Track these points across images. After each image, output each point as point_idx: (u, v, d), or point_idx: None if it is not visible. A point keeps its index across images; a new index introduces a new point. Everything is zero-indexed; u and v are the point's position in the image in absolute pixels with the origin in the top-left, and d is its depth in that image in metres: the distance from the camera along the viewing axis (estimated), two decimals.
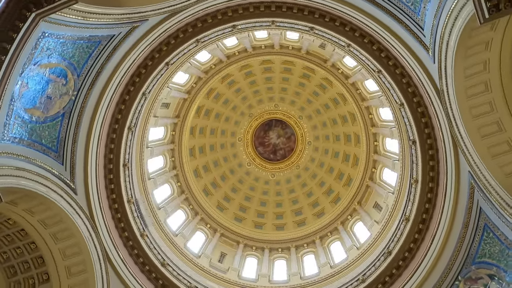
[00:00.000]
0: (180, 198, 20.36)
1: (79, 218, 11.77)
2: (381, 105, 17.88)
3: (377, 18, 11.09)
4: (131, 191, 14.89)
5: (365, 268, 14.86)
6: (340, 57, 18.69)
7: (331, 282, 15.85)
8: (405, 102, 12.77)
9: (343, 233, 18.91)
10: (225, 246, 20.03)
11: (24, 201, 10.64)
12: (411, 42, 10.89)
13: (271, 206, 22.28)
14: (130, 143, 14.70)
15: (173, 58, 13.85)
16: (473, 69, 10.05)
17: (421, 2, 9.63)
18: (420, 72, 11.33)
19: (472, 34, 9.31)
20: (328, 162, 22.31)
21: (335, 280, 15.78)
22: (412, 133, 13.25)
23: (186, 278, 15.26)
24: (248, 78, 21.94)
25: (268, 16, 13.00)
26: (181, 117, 20.82)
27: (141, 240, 14.54)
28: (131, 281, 13.27)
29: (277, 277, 17.73)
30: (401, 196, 15.04)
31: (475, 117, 10.55)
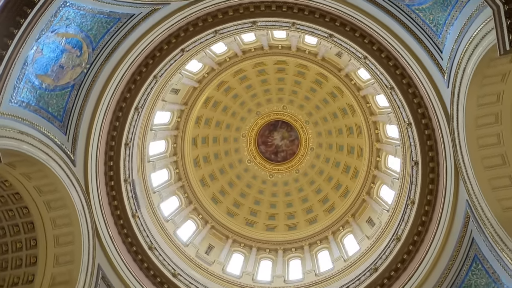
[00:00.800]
0: (176, 185, 20.41)
1: (74, 190, 11.83)
2: (389, 122, 17.81)
3: (398, 34, 11.04)
4: (129, 171, 14.94)
5: (350, 281, 14.85)
6: (355, 68, 18.63)
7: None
8: (413, 122, 12.71)
9: (333, 243, 18.90)
10: (214, 239, 20.08)
11: (23, 165, 10.69)
12: (428, 63, 10.83)
13: (265, 206, 22.29)
14: (135, 123, 14.74)
15: (189, 46, 13.85)
16: (486, 99, 9.99)
17: (444, 25, 9.57)
18: (433, 95, 11.27)
19: (490, 64, 9.25)
20: (328, 171, 22.27)
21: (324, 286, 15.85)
22: (416, 154, 13.19)
23: (171, 264, 15.31)
24: (260, 76, 21.92)
25: (290, 17, 12.97)
26: (189, 105, 20.85)
27: (132, 221, 14.59)
28: (116, 259, 13.33)
29: (261, 277, 17.76)
30: (395, 215, 15.00)
31: (481, 147, 10.49)
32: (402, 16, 10.37)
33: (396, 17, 10.46)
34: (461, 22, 8.97)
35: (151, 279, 14.34)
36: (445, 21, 9.46)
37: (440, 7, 9.32)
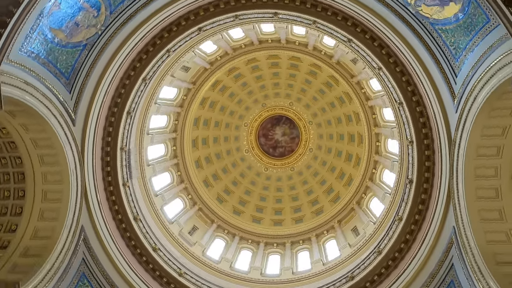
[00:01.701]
0: (171, 162, 20.45)
1: (70, 149, 11.84)
2: (391, 136, 17.79)
3: (416, 51, 10.94)
4: (127, 139, 14.94)
5: (325, 285, 15.01)
6: (367, 77, 18.52)
7: (290, 287, 16.07)
8: (415, 140, 12.70)
9: (314, 245, 19.03)
10: (199, 221, 20.21)
11: (23, 116, 10.68)
12: (440, 85, 10.78)
13: (254, 198, 22.37)
14: (140, 94, 14.69)
15: (207, 26, 13.70)
16: (492, 130, 9.98)
17: (464, 50, 9.50)
18: (440, 117, 11.24)
19: (502, 97, 9.22)
20: (322, 174, 22.31)
21: (294, 286, 15.98)
22: (412, 173, 13.21)
23: (153, 238, 15.41)
24: (272, 68, 21.77)
25: (312, 15, 12.80)
26: (197, 85, 20.74)
27: (122, 189, 14.64)
28: (100, 224, 13.39)
29: (239, 266, 17.91)
30: (381, 228, 15.08)
31: (478, 177, 10.52)
32: (424, 33, 10.27)
33: (418, 34, 10.36)
34: (482, 49, 8.90)
35: (131, 249, 14.45)
36: (465, 46, 9.39)
37: (463, 31, 9.24)
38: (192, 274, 15.56)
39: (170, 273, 14.82)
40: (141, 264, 14.46)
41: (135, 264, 14.24)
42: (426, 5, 9.52)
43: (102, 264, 13.08)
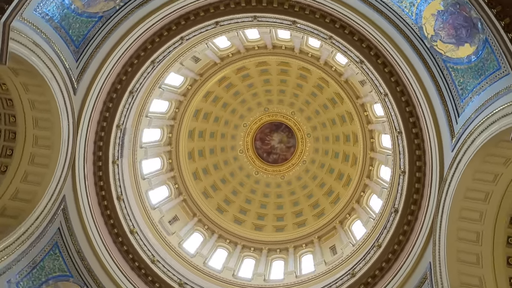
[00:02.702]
0: (164, 148, 20.38)
1: (66, 118, 11.76)
2: (386, 163, 17.89)
3: (425, 85, 11.00)
4: (124, 118, 14.88)
5: None
6: (372, 101, 18.63)
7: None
8: (407, 171, 12.78)
9: (290, 256, 19.02)
10: (181, 212, 20.13)
11: (25, 75, 10.60)
12: (441, 122, 10.86)
13: (240, 199, 22.35)
14: (146, 75, 14.65)
15: (225, 21, 13.71)
16: (484, 176, 10.05)
17: (470, 92, 9.58)
18: (435, 152, 11.32)
19: (499, 145, 9.30)
20: (311, 188, 22.34)
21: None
22: (398, 203, 13.28)
23: (132, 221, 15.31)
24: (281, 75, 21.84)
25: (329, 29, 12.87)
26: (204, 77, 20.74)
27: (110, 167, 14.56)
28: (83, 198, 13.24)
29: (212, 264, 17.84)
30: (359, 252, 15.11)
31: (462, 218, 10.58)
32: (435, 68, 10.35)
33: (429, 68, 10.43)
34: (488, 95, 8.99)
35: (109, 227, 14.33)
36: (473, 88, 9.47)
37: (473, 73, 9.33)
38: (164, 263, 15.46)
39: (143, 258, 14.71)
40: (115, 244, 14.34)
41: (110, 244, 14.12)
42: (442, 41, 9.60)
43: (77, 237, 12.95)
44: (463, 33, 8.89)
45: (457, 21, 8.85)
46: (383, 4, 10.24)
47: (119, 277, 13.56)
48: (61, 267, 12.50)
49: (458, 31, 8.97)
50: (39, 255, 12.07)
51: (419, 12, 9.58)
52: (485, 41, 8.51)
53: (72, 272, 12.67)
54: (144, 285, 14.27)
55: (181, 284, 14.84)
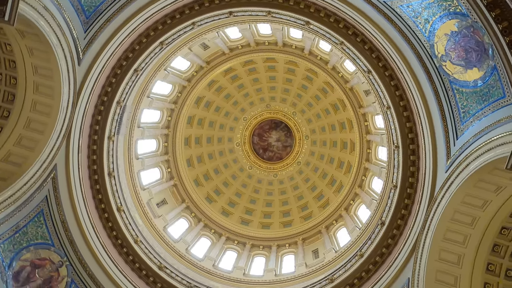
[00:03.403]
0: (162, 131, 20.34)
1: (67, 86, 11.69)
2: (379, 174, 17.95)
3: (428, 103, 11.00)
4: (126, 95, 14.81)
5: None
6: (374, 112, 18.66)
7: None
8: (399, 186, 12.84)
9: (273, 254, 19.11)
10: (170, 196, 20.14)
11: (31, 39, 10.50)
12: (439, 142, 10.89)
13: (230, 191, 22.38)
14: (153, 56, 14.56)
15: (238, 12, 13.62)
16: (473, 200, 10.12)
17: (472, 116, 9.61)
18: (429, 171, 11.38)
19: (493, 172, 9.35)
20: (302, 189, 22.41)
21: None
22: (386, 215, 13.36)
23: (120, 198, 15.28)
24: (288, 74, 21.78)
25: (340, 34, 12.82)
26: (210, 66, 20.62)
27: (105, 142, 14.52)
28: (74, 170, 13.19)
29: (195, 252, 17.89)
30: (341, 258, 15.21)
31: (446, 239, 10.67)
32: (441, 88, 10.34)
33: (435, 87, 10.42)
34: (489, 121, 9.02)
35: (96, 202, 14.32)
36: (475, 112, 9.50)
37: (477, 98, 9.35)
38: (147, 245, 15.49)
39: (126, 237, 14.72)
40: (101, 219, 14.33)
41: (95, 218, 14.10)
42: (452, 62, 9.59)
43: (63, 207, 12.93)
44: (473, 57, 8.89)
45: (469, 44, 8.84)
46: (398, 16, 10.20)
47: (101, 252, 13.57)
48: (43, 235, 12.50)
49: (468, 54, 8.97)
50: (23, 220, 12.06)
51: (432, 30, 9.56)
52: (494, 68, 8.52)
53: (54, 241, 12.67)
54: (124, 264, 14.30)
55: (161, 267, 14.89)
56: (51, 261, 12.43)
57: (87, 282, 12.94)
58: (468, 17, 8.41)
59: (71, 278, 12.69)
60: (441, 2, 8.80)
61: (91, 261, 13.20)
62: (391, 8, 10.10)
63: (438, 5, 8.94)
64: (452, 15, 8.80)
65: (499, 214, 10.06)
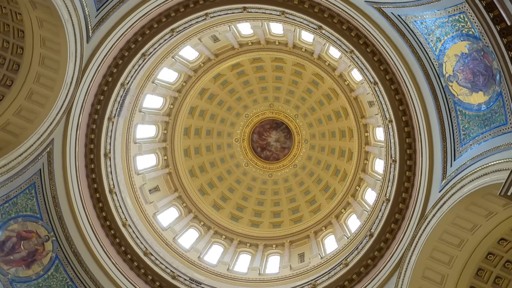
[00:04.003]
0: (162, 118, 20.31)
1: (73, 63, 11.66)
2: (373, 186, 17.99)
3: (430, 121, 11.01)
4: (131, 78, 14.78)
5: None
6: (375, 124, 18.68)
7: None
8: (391, 200, 12.87)
9: (259, 253, 19.15)
10: (164, 184, 20.13)
11: (43, 11, 10.47)
12: (437, 162, 10.93)
13: (224, 186, 22.39)
14: (162, 42, 14.52)
15: (253, 9, 13.57)
16: (463, 222, 10.16)
17: (472, 139, 9.64)
18: (423, 189, 11.42)
19: (486, 197, 9.39)
20: (296, 192, 22.43)
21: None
22: (375, 228, 13.38)
23: (114, 180, 15.23)
24: (294, 76, 21.76)
25: (351, 43, 12.80)
26: (218, 59, 20.56)
27: (105, 123, 14.48)
28: (70, 146, 13.19)
29: (182, 242, 17.88)
30: (326, 265, 15.25)
31: (432, 258, 10.72)
32: (444, 108, 10.34)
33: (438, 106, 10.41)
34: (488, 146, 9.04)
35: (89, 181, 14.30)
36: (475, 136, 9.52)
37: (479, 122, 9.37)
38: (135, 229, 15.49)
39: (116, 220, 14.69)
40: (92, 199, 14.32)
41: (86, 198, 14.06)
42: (458, 83, 9.60)
43: (56, 182, 12.92)
44: (480, 81, 8.90)
45: (478, 68, 8.85)
46: (410, 32, 10.20)
47: (88, 232, 13.56)
48: (33, 208, 12.50)
49: (476, 77, 8.97)
50: (14, 191, 12.06)
51: (443, 49, 9.57)
52: (499, 94, 8.53)
53: (42, 215, 12.67)
54: (110, 246, 14.30)
55: (146, 253, 14.91)
56: (38, 234, 12.44)
57: (71, 259, 12.93)
58: (480, 41, 8.41)
59: (56, 254, 12.70)
60: (455, 22, 8.80)
61: (77, 239, 13.19)
62: (404, 23, 10.09)
63: (451, 25, 8.93)
64: (464, 37, 8.80)
65: (487, 239, 10.11)
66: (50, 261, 12.54)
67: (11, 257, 11.82)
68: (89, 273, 13.02)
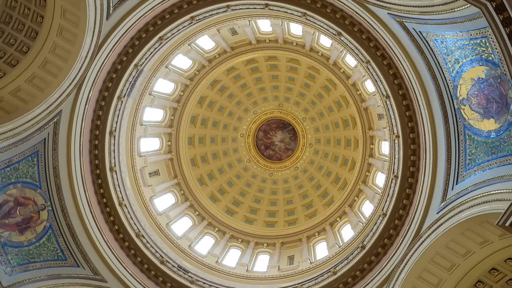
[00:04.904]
0: (171, 104, 20.34)
1: (90, 38, 11.71)
2: (372, 199, 17.93)
3: (437, 141, 10.94)
4: (145, 60, 14.81)
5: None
6: (382, 137, 18.59)
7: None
8: (388, 215, 12.83)
9: (249, 250, 19.21)
10: (164, 169, 20.21)
11: None
12: (438, 183, 10.87)
13: (223, 179, 22.44)
14: (181, 28, 14.47)
15: (274, 7, 13.41)
16: (456, 247, 10.12)
17: (477, 166, 9.57)
18: (421, 208, 11.40)
19: (482, 225, 9.35)
20: (293, 194, 22.42)
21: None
22: (368, 241, 13.34)
23: (115, 158, 15.23)
24: (307, 79, 21.66)
25: (369, 54, 12.73)
26: (234, 52, 20.41)
27: (114, 101, 14.55)
28: (77, 120, 13.24)
29: (174, 228, 17.93)
30: (314, 271, 15.27)
31: (421, 278, 10.74)
32: (453, 131, 10.27)
33: (448, 128, 10.32)
34: (492, 174, 8.97)
35: (91, 157, 14.37)
36: (480, 163, 9.45)
37: (487, 149, 9.29)
38: (131, 210, 15.58)
39: (113, 198, 14.78)
40: (92, 174, 14.41)
41: (87, 171, 14.15)
42: (471, 108, 9.52)
43: (59, 153, 13.02)
44: (493, 108, 8.81)
45: (492, 94, 8.77)
46: (429, 50, 10.10)
47: (84, 206, 13.65)
48: (33, 176, 12.63)
49: (489, 104, 8.89)
50: (17, 157, 12.18)
51: (460, 71, 9.48)
52: (511, 124, 8.45)
53: (41, 184, 12.80)
54: (104, 223, 14.39)
55: (138, 235, 15.01)
56: (35, 202, 12.57)
57: (64, 231, 13.05)
58: (499, 68, 8.32)
59: (50, 224, 12.83)
60: (476, 46, 8.71)
61: (72, 211, 13.30)
62: (425, 40, 10.01)
63: (472, 48, 8.84)
64: (483, 62, 8.71)
65: (479, 266, 10.07)
66: (44, 230, 12.67)
67: (6, 221, 11.96)
68: (80, 247, 13.13)
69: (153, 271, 14.45)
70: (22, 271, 11.82)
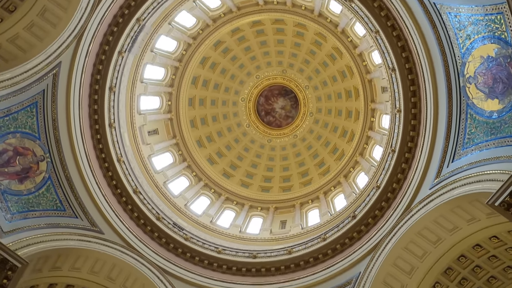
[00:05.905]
0: (173, 62, 19.95)
1: None
2: (367, 171, 18.14)
3: (438, 116, 10.89)
4: (147, 15, 14.33)
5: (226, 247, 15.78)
6: (383, 111, 18.47)
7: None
8: (382, 186, 13.01)
9: (243, 212, 19.66)
10: (163, 129, 20.22)
11: None
12: (434, 159, 10.97)
13: (222, 142, 22.52)
14: None
15: None
16: (444, 223, 10.40)
17: (475, 145, 9.60)
18: (415, 183, 11.58)
19: (473, 203, 9.54)
20: (290, 162, 22.61)
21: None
22: (360, 211, 13.66)
23: (115, 115, 15.09)
24: (313, 46, 21.13)
25: (378, 23, 12.31)
26: (240, 12, 19.67)
27: (115, 55, 14.20)
28: (77, 74, 12.85)
29: (171, 187, 18.23)
30: (305, 236, 15.67)
31: (406, 249, 11.13)
32: (456, 108, 10.15)
33: (451, 104, 10.21)
34: (489, 155, 9.03)
35: (91, 111, 14.23)
36: (479, 142, 9.47)
37: (487, 130, 9.27)
38: (129, 167, 15.74)
39: (111, 154, 14.83)
40: (91, 129, 14.19)
41: (86, 126, 13.92)
42: (476, 87, 9.38)
43: (58, 104, 12.79)
44: (499, 88, 8.69)
45: (500, 74, 8.61)
46: (442, 22, 9.74)
47: (83, 160, 13.63)
48: (32, 126, 12.59)
49: (495, 83, 8.75)
50: (16, 106, 12.08)
51: (470, 48, 9.23)
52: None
53: (40, 136, 12.79)
54: (102, 177, 14.54)
55: (136, 192, 15.26)
56: (34, 153, 12.64)
57: (63, 182, 13.21)
58: (510, 47, 8.10)
59: (49, 175, 12.98)
60: (490, 22, 8.41)
61: (71, 164, 13.35)
62: (438, 12, 9.64)
63: (485, 24, 8.55)
64: (495, 39, 8.46)
65: (464, 242, 10.41)
66: (43, 181, 12.84)
67: (6, 169, 12.09)
68: (79, 199, 13.34)
69: (149, 227, 14.84)
70: (22, 218, 12.11)
